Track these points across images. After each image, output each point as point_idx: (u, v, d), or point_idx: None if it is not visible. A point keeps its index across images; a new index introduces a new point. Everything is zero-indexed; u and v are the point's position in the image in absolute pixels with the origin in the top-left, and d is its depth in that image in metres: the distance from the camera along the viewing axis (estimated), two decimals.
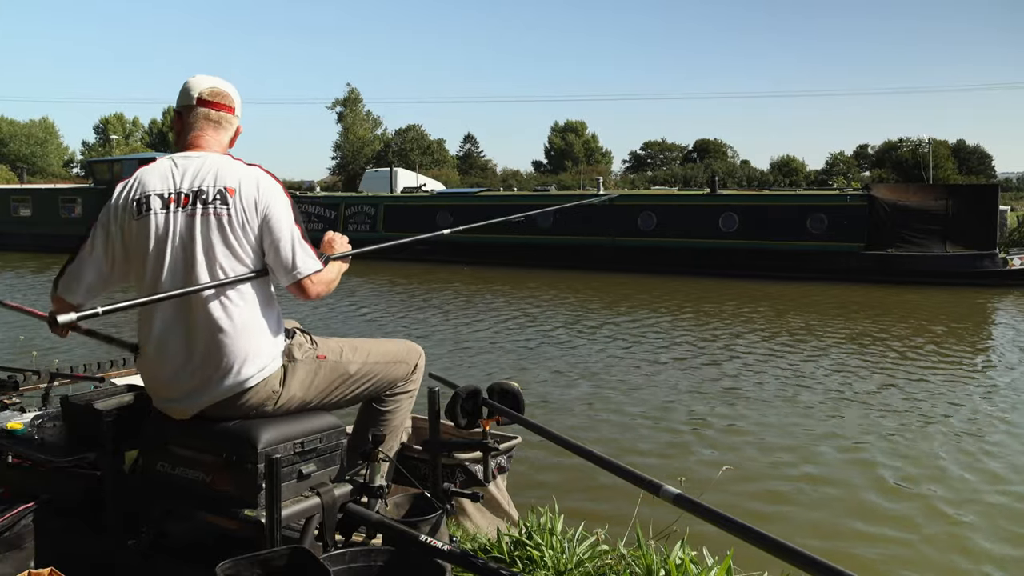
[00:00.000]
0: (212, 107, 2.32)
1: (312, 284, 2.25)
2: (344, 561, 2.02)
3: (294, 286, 2.24)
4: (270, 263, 2.23)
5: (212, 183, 2.20)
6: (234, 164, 2.26)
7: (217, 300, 2.16)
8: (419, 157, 58.53)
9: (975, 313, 13.81)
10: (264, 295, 2.26)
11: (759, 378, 8.39)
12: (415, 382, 2.64)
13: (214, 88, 2.33)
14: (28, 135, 65.13)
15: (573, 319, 12.41)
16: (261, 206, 2.20)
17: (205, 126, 2.32)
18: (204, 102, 2.31)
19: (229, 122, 2.37)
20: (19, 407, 2.89)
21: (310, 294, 2.26)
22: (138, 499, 2.31)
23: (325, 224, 22.97)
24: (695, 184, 48.68)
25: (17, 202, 27.14)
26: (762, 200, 20.05)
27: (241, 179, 2.21)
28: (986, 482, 5.42)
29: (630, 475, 1.87)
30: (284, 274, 2.22)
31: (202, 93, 2.31)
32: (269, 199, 2.22)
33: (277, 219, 2.21)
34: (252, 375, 2.18)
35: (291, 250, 2.21)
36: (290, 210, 2.25)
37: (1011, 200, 34.32)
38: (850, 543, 4.51)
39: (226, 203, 2.18)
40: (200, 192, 2.19)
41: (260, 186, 2.23)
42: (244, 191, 2.20)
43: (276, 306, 2.31)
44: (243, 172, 2.24)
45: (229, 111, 2.36)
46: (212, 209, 2.17)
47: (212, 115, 2.32)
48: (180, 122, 2.35)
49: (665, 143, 72.58)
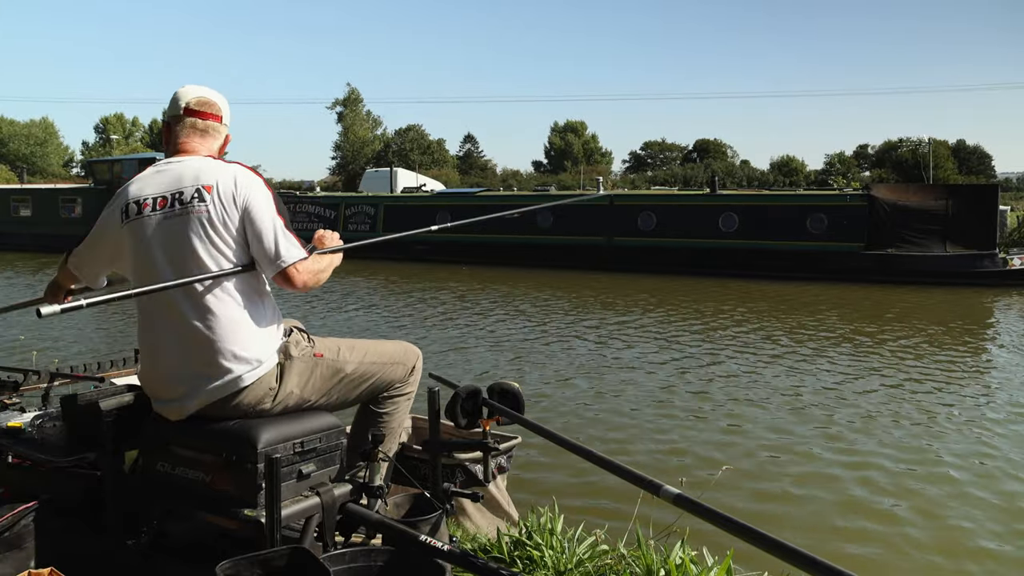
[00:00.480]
0: (199, 116, 2.36)
1: (298, 273, 2.23)
2: (344, 561, 2.02)
3: (279, 276, 2.22)
4: (255, 255, 2.23)
5: (191, 183, 2.22)
6: (213, 163, 2.28)
7: (205, 299, 2.16)
8: (419, 157, 58.54)
9: (975, 313, 13.81)
10: (254, 292, 2.25)
11: (759, 378, 8.39)
12: (413, 384, 2.63)
13: (201, 98, 2.37)
14: (28, 135, 65.13)
15: (572, 319, 12.41)
16: (240, 200, 2.20)
17: (192, 134, 2.36)
18: (191, 111, 2.36)
19: (216, 130, 2.40)
20: (19, 407, 2.89)
21: (296, 283, 2.23)
22: (138, 499, 2.31)
23: (325, 224, 22.89)
24: (695, 184, 48.67)
25: (17, 202, 27.18)
26: (762, 200, 20.05)
27: (219, 176, 2.23)
28: (986, 482, 5.42)
29: (630, 475, 1.87)
30: (268, 264, 2.21)
31: (189, 103, 2.36)
32: (248, 192, 2.22)
33: (258, 211, 2.21)
34: (245, 373, 2.17)
35: (274, 240, 2.20)
36: (271, 201, 2.25)
37: (1011, 200, 34.31)
38: (850, 543, 4.51)
39: (204, 200, 2.19)
40: (179, 193, 2.22)
41: (238, 181, 2.23)
42: (222, 187, 2.21)
43: (270, 303, 2.31)
44: (221, 169, 2.25)
45: (216, 119, 2.40)
46: (191, 208, 2.19)
47: (199, 124, 2.36)
48: (168, 132, 2.40)
49: (665, 143, 72.61)
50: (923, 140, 51.98)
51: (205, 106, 2.37)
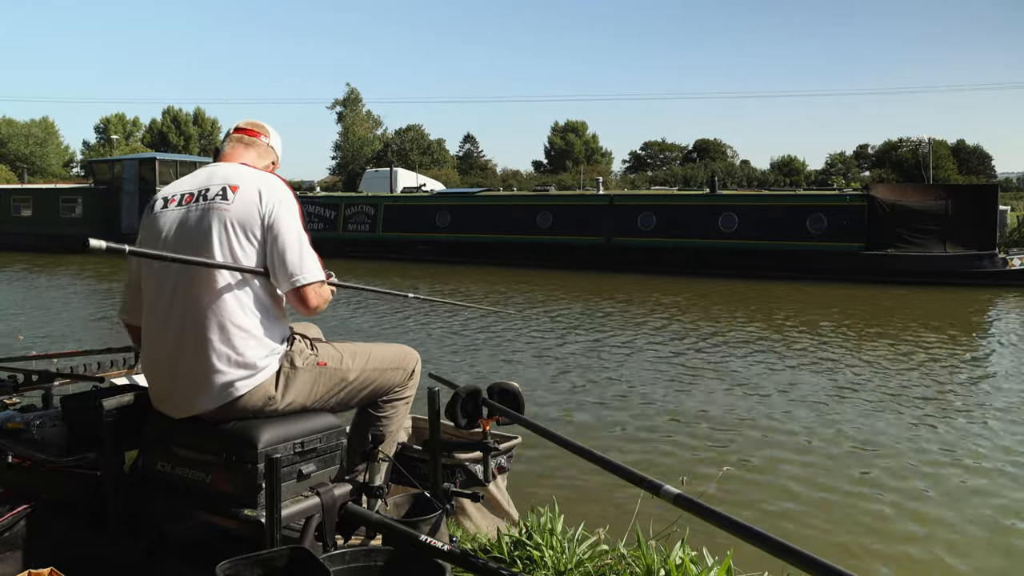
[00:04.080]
0: (244, 132, 2.48)
1: (314, 294, 2.22)
2: (344, 561, 2.02)
3: (293, 293, 2.20)
4: (272, 266, 2.19)
5: (220, 182, 2.25)
6: (248, 169, 2.32)
7: (208, 293, 2.14)
8: (419, 157, 58.57)
9: (975, 313, 13.81)
10: (261, 298, 2.22)
11: (759, 378, 8.40)
12: (412, 388, 2.62)
13: (249, 120, 2.52)
14: (28, 135, 65.11)
15: (572, 319, 12.41)
16: (266, 206, 2.19)
17: (236, 146, 2.45)
18: (239, 130, 2.49)
19: (259, 145, 2.48)
20: (19, 407, 2.89)
21: (309, 303, 2.22)
22: (138, 499, 2.31)
23: (325, 224, 23.05)
24: (695, 184, 48.67)
25: (18, 202, 27.22)
26: (762, 200, 20.05)
27: (249, 179, 2.25)
28: (986, 482, 5.42)
29: (630, 475, 1.87)
30: (285, 279, 2.18)
31: (239, 124, 2.51)
32: (276, 201, 2.21)
33: (285, 222, 2.20)
34: (240, 381, 2.15)
35: (298, 255, 2.19)
36: (298, 216, 2.27)
37: (1011, 200, 34.28)
38: (850, 543, 4.51)
39: (226, 199, 2.20)
40: (205, 190, 2.25)
41: (268, 188, 2.23)
42: (248, 189, 2.21)
43: (277, 311, 2.27)
44: (254, 174, 2.28)
45: (260, 135, 2.49)
46: (213, 204, 2.20)
47: (244, 139, 2.47)
48: (217, 153, 2.48)
49: (665, 143, 72.57)
50: (923, 140, 52.00)
51: (251, 125, 2.50)
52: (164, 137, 64.03)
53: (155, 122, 67.00)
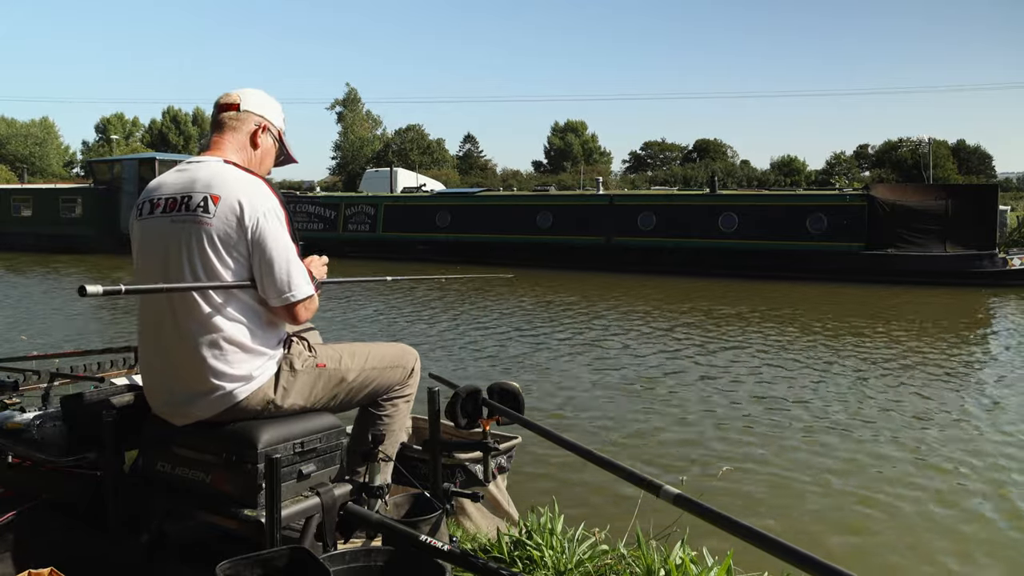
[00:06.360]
0: (221, 110, 2.37)
1: (304, 309, 2.21)
2: (344, 561, 2.02)
3: (284, 309, 2.18)
4: (260, 280, 2.16)
5: (202, 189, 2.16)
6: (230, 172, 2.20)
7: (198, 310, 2.12)
8: (419, 157, 58.58)
9: (975, 313, 13.81)
10: (254, 308, 2.19)
11: (759, 378, 8.39)
12: (412, 386, 2.62)
13: (224, 95, 2.40)
14: (28, 135, 65.09)
15: (572, 319, 12.41)
16: (249, 220, 2.12)
17: (215, 130, 2.37)
18: (218, 107, 2.39)
19: (237, 119, 2.35)
20: (19, 407, 2.89)
21: (299, 319, 2.23)
22: (138, 499, 2.31)
23: (325, 224, 23.07)
24: (695, 184, 48.66)
25: (18, 202, 27.24)
26: (762, 200, 20.04)
27: (231, 188, 2.15)
28: (986, 483, 5.41)
29: (630, 475, 1.87)
30: (275, 295, 2.15)
31: (216, 101, 2.40)
32: (260, 213, 2.13)
33: (271, 236, 2.14)
34: (236, 389, 2.15)
35: (286, 271, 2.15)
36: (285, 227, 2.19)
37: (1011, 200, 34.29)
38: (851, 543, 4.51)
39: (208, 212, 2.12)
40: (187, 198, 2.17)
41: (249, 197, 2.14)
42: (229, 201, 2.13)
43: (271, 316, 2.24)
44: (235, 181, 2.17)
45: (232, 108, 2.35)
46: (195, 217, 2.13)
47: (223, 119, 2.36)
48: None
49: (665, 143, 72.62)
50: (923, 140, 51.98)
51: (225, 98, 2.37)
52: (164, 137, 64.08)
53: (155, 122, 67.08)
